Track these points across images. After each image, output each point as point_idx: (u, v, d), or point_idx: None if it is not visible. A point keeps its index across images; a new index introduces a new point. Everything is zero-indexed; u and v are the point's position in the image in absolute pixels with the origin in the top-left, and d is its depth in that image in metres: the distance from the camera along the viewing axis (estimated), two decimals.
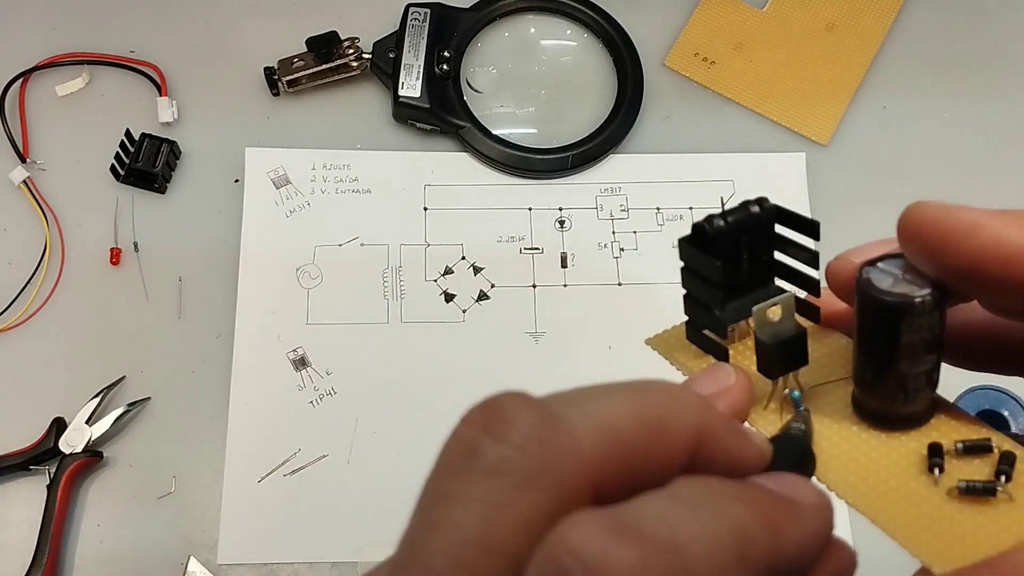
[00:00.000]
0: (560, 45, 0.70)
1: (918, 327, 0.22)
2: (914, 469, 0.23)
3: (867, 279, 0.23)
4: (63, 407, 0.58)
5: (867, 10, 0.71)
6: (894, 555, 0.25)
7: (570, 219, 0.65)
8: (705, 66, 0.69)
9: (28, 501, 0.56)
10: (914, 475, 0.23)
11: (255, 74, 0.67)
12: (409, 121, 0.66)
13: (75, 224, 0.63)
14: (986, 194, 0.66)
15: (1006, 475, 0.22)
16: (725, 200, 0.65)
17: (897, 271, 0.22)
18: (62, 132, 0.65)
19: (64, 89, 0.66)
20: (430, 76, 0.65)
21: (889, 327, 0.22)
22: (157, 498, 0.57)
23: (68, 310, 0.61)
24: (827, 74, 0.69)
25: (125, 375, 0.59)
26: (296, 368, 0.60)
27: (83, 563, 0.56)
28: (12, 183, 0.63)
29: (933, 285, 0.22)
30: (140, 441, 0.58)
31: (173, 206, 0.64)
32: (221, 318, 0.61)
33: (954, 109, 0.69)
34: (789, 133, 0.68)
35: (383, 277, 0.62)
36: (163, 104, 0.65)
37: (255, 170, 0.65)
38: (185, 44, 0.68)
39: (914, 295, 0.22)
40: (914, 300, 0.22)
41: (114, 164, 0.64)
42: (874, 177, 0.67)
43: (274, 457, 0.57)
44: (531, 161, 0.65)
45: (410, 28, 0.66)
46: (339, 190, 0.64)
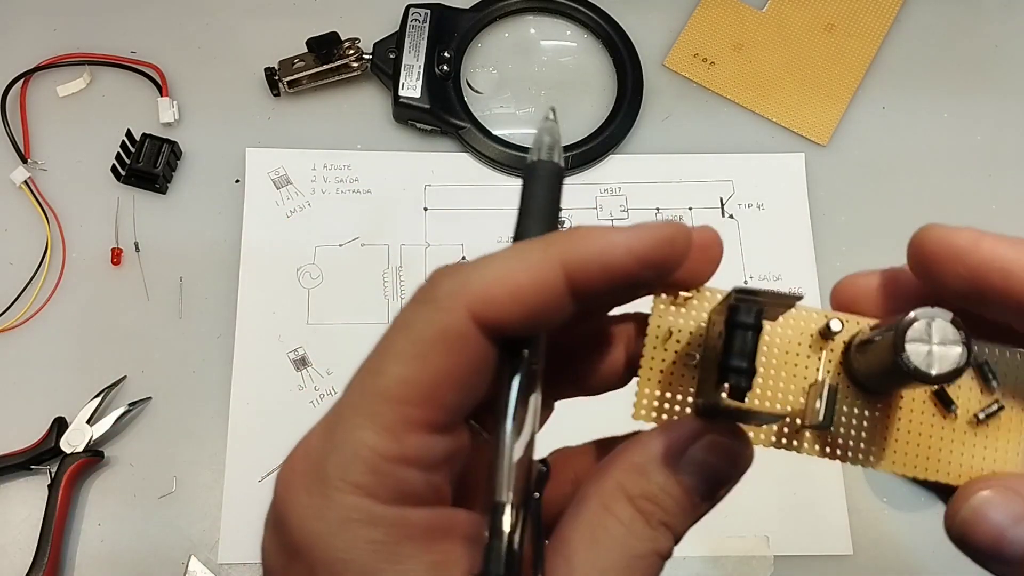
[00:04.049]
0: (560, 46, 0.70)
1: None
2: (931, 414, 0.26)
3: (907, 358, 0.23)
4: (64, 407, 0.58)
5: (867, 11, 0.71)
6: (893, 558, 0.25)
7: (570, 219, 0.65)
8: (705, 67, 0.69)
9: (29, 501, 0.57)
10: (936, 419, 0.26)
11: (256, 74, 0.67)
12: (409, 121, 0.66)
13: (76, 224, 0.63)
14: (985, 194, 0.67)
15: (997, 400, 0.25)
16: (725, 200, 0.65)
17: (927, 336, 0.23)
18: (63, 132, 0.65)
19: (65, 89, 0.66)
20: (430, 77, 0.65)
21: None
22: (158, 498, 0.57)
23: (69, 310, 0.61)
24: (826, 75, 0.69)
25: (126, 375, 0.59)
26: (297, 368, 0.60)
27: (84, 562, 0.56)
28: (13, 183, 0.63)
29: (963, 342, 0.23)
30: (141, 441, 0.59)
31: (174, 206, 0.64)
32: (222, 318, 0.61)
33: (953, 109, 0.69)
34: (788, 133, 0.68)
35: (383, 277, 0.62)
36: (164, 104, 0.65)
37: (256, 170, 0.65)
38: (186, 45, 0.68)
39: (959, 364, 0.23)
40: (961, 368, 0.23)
41: (115, 164, 0.64)
42: (873, 177, 0.67)
43: (274, 457, 0.57)
44: None
45: (410, 29, 0.66)
46: (339, 190, 0.65)
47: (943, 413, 0.25)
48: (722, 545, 0.57)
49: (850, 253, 0.64)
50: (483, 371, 0.23)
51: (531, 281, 0.22)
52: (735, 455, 0.24)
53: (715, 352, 0.24)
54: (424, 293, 0.23)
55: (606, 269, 0.22)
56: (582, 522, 0.24)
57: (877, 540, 0.57)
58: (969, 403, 0.25)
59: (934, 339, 0.23)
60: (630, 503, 0.24)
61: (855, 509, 0.58)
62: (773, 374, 0.25)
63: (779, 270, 0.63)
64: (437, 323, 0.22)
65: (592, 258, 0.22)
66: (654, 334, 0.25)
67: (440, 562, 0.22)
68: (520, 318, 0.22)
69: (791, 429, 0.25)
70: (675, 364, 0.25)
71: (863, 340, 0.25)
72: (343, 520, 0.21)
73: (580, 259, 0.22)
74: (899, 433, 0.25)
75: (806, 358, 0.25)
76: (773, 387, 0.25)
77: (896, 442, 0.25)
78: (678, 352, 0.25)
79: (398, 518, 0.22)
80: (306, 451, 0.23)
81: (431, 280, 0.23)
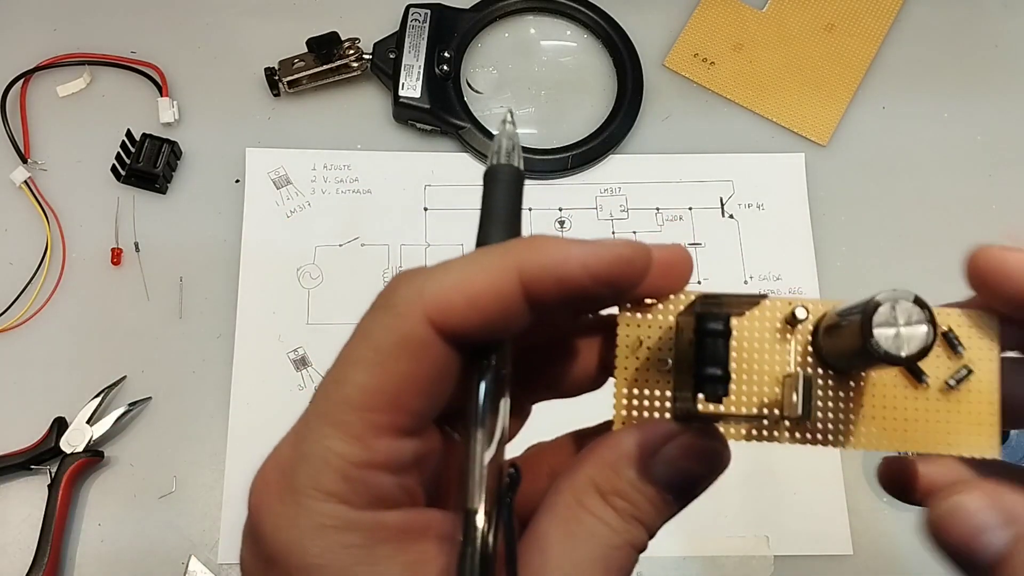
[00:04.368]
0: (560, 46, 0.70)
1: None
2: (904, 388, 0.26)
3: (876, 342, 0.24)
4: (64, 407, 0.58)
5: (866, 11, 0.71)
6: (893, 558, 0.26)
7: (570, 219, 0.65)
8: (705, 67, 0.69)
9: (29, 501, 0.57)
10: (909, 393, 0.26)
11: (256, 75, 0.67)
12: (409, 121, 0.66)
13: (76, 224, 0.63)
14: (985, 194, 0.67)
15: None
16: (725, 200, 0.65)
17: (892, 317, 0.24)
18: (63, 132, 0.65)
19: (65, 89, 0.66)
20: (430, 77, 0.65)
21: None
22: (158, 498, 0.57)
23: (69, 310, 0.61)
24: (826, 75, 0.69)
25: (126, 375, 0.59)
26: (297, 368, 0.60)
27: (84, 562, 0.56)
28: (13, 183, 0.63)
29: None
30: (141, 441, 0.59)
31: (174, 206, 0.64)
32: (222, 318, 0.61)
33: (953, 109, 0.69)
34: (788, 133, 0.68)
35: (383, 277, 0.62)
36: (164, 104, 0.65)
37: (256, 170, 0.65)
38: (186, 45, 0.68)
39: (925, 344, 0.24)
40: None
41: (115, 164, 0.64)
42: (873, 177, 0.67)
43: None
44: (531, 161, 0.65)
45: (410, 29, 0.66)
46: (339, 190, 0.65)
47: (914, 384, 0.26)
48: (722, 545, 0.57)
49: (850, 253, 0.64)
50: (446, 375, 0.23)
51: (487, 288, 0.22)
52: (710, 455, 0.24)
53: (686, 356, 0.25)
54: (383, 299, 0.23)
55: (560, 282, 0.22)
56: (556, 516, 0.24)
57: (877, 540, 0.57)
58: (938, 371, 0.26)
59: (900, 320, 0.23)
60: (602, 498, 0.24)
61: (855, 509, 0.58)
62: (746, 368, 0.26)
63: (779, 270, 0.63)
64: (396, 330, 0.22)
65: (547, 269, 0.22)
66: (624, 343, 0.26)
67: (415, 562, 0.22)
68: (478, 324, 0.22)
69: (768, 421, 0.25)
70: (648, 371, 0.26)
71: (830, 324, 0.25)
72: (317, 527, 0.22)
73: (535, 269, 0.22)
74: (874, 410, 0.26)
75: (775, 347, 0.26)
76: (748, 381, 0.25)
77: (872, 419, 0.26)
78: (649, 359, 0.26)
79: (372, 521, 0.22)
80: (277, 462, 0.23)
81: (390, 286, 0.23)
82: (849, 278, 0.63)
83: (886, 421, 0.26)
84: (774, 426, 0.25)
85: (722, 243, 0.64)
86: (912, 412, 0.26)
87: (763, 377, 0.25)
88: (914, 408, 0.26)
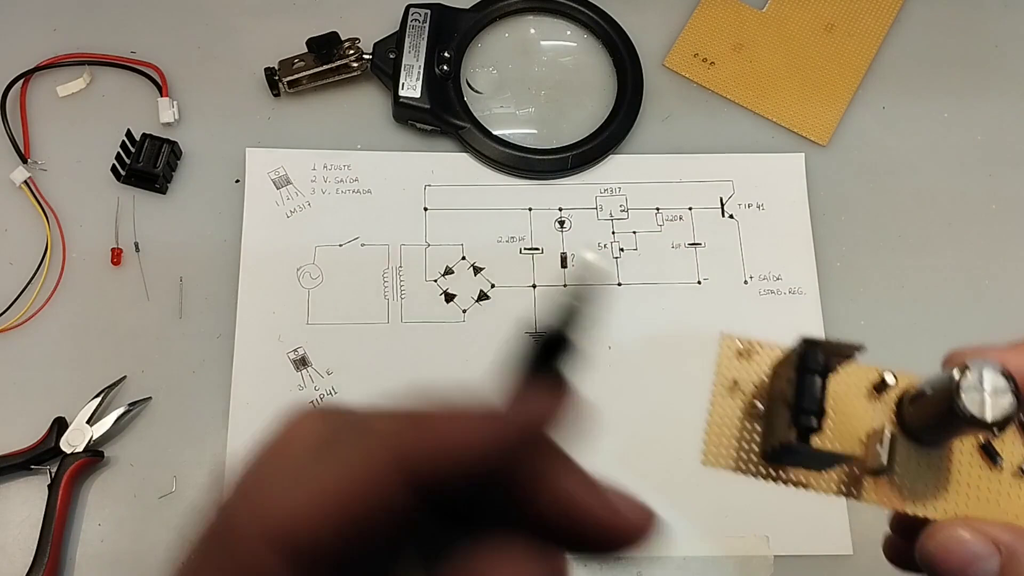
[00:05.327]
0: (560, 46, 0.70)
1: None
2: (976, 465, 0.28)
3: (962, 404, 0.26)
4: (64, 407, 0.58)
5: (866, 11, 0.71)
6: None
7: (570, 219, 0.65)
8: (705, 67, 0.69)
9: (29, 501, 0.57)
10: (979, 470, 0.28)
11: (256, 75, 0.67)
12: (409, 121, 0.66)
13: (76, 224, 0.63)
14: (985, 194, 0.67)
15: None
16: (725, 200, 0.65)
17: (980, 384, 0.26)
18: (63, 132, 0.65)
19: (65, 89, 0.66)
20: (430, 76, 0.65)
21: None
22: (158, 498, 0.57)
23: (69, 310, 0.61)
24: (826, 75, 0.69)
25: (126, 375, 0.59)
26: (297, 368, 0.60)
27: (84, 563, 0.56)
28: (13, 183, 0.63)
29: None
30: (141, 441, 0.58)
31: (174, 206, 0.64)
32: (222, 318, 0.61)
33: (953, 109, 0.69)
34: (788, 133, 0.68)
35: (383, 277, 0.62)
36: (164, 104, 0.65)
37: (256, 170, 0.65)
38: (186, 44, 0.68)
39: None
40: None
41: (115, 164, 0.64)
42: (873, 177, 0.67)
43: None
44: (531, 161, 0.65)
45: (410, 29, 0.66)
46: (339, 190, 0.65)
47: (990, 465, 0.28)
48: (722, 545, 0.57)
49: (850, 253, 0.64)
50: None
51: (348, 491, 0.21)
52: None
53: (781, 400, 0.26)
54: (221, 523, 0.22)
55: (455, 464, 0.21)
56: None
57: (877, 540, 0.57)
58: (1013, 456, 0.28)
59: (986, 388, 0.25)
60: None
61: (855, 509, 0.58)
62: (835, 418, 0.27)
63: (779, 270, 0.63)
64: (237, 563, 0.21)
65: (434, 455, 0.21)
66: (720, 382, 0.28)
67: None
68: (340, 536, 0.21)
69: (851, 477, 0.27)
70: (741, 413, 0.28)
71: (916, 394, 0.27)
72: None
73: (419, 456, 0.21)
74: (952, 484, 0.27)
75: (862, 409, 0.28)
76: (836, 431, 0.27)
77: (949, 492, 0.27)
78: (744, 402, 0.28)
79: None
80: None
81: (228, 508, 0.22)
82: (849, 278, 0.63)
83: (960, 496, 0.27)
84: (856, 482, 0.27)
85: (722, 243, 0.64)
86: (985, 492, 0.27)
87: (851, 431, 0.27)
88: (987, 488, 0.27)
